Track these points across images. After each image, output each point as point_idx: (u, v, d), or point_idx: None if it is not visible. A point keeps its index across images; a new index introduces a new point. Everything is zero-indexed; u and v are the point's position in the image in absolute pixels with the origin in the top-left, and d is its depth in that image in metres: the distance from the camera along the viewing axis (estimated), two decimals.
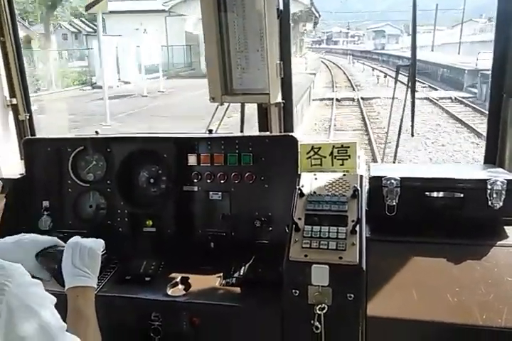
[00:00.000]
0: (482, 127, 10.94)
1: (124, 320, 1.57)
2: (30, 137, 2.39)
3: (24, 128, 2.58)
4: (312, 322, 1.45)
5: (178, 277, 1.73)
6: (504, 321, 1.48)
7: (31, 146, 2.19)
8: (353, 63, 39.40)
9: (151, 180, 2.08)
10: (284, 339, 1.54)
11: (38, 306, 1.04)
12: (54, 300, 1.10)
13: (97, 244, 1.44)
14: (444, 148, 10.57)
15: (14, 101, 2.52)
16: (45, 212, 2.14)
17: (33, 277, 1.10)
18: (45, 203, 2.14)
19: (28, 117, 2.57)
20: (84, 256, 1.39)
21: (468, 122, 12.60)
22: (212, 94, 2.02)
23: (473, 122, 12.55)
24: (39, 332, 1.02)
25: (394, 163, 2.59)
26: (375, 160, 8.30)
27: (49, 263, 1.40)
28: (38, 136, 2.58)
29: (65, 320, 1.15)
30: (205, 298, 1.63)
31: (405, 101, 2.26)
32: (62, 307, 1.18)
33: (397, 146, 2.41)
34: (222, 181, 1.98)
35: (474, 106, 14.87)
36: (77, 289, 1.34)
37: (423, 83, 21.53)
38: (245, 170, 1.96)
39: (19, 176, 2.18)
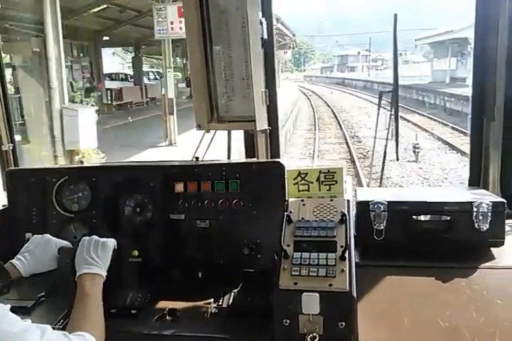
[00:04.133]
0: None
1: None
2: (12, 168, 2.37)
3: (8, 158, 2.56)
4: None
5: (165, 308, 1.69)
6: None
7: (14, 177, 2.16)
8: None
9: (137, 209, 2.06)
10: None
11: None
12: (7, 308, 1.18)
13: (110, 241, 1.66)
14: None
15: None
16: None
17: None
18: (28, 235, 2.08)
19: (11, 147, 2.55)
20: (97, 247, 1.61)
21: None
22: (198, 122, 2.03)
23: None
24: None
25: (380, 186, 2.61)
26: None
27: (67, 255, 1.64)
28: (21, 166, 2.55)
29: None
30: (193, 331, 1.58)
31: (389, 127, 2.31)
32: None
33: (382, 170, 2.43)
34: (209, 208, 1.96)
35: None
36: (86, 275, 1.52)
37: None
38: (233, 196, 1.95)
39: (1, 208, 2.15)
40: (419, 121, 17.47)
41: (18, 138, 2.64)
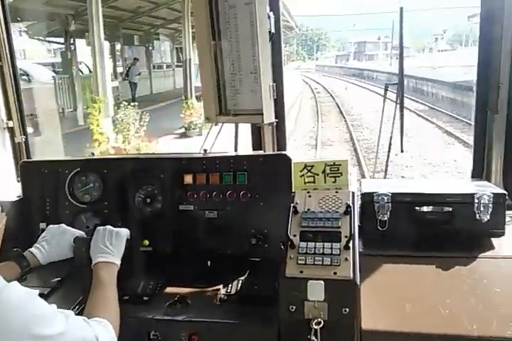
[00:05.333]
0: None
1: (123, 339, 1.60)
2: (27, 160, 2.43)
3: (20, 150, 2.62)
4: (309, 336, 1.48)
5: (176, 295, 1.76)
6: (494, 330, 1.53)
7: (28, 169, 2.22)
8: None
9: (148, 200, 2.11)
10: None
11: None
12: (36, 292, 1.22)
13: (124, 230, 1.74)
14: None
15: (11, 124, 2.57)
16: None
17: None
18: (42, 225, 2.15)
19: (24, 139, 2.61)
20: (112, 237, 1.68)
21: None
22: (207, 115, 2.08)
23: None
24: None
25: (385, 178, 2.66)
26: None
27: (82, 244, 1.69)
28: (33, 158, 2.62)
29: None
30: (203, 316, 1.65)
31: (394, 119, 2.34)
32: None
33: (387, 162, 2.47)
34: (217, 200, 2.02)
35: None
36: (102, 264, 1.59)
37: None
38: (240, 188, 2.00)
39: (17, 199, 2.21)
40: None
41: (30, 130, 2.68)
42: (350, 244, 1.56)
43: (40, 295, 1.68)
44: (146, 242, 2.05)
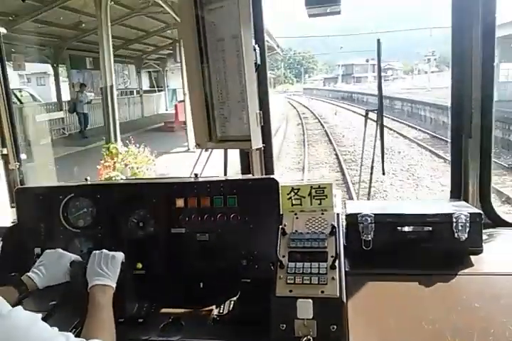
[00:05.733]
0: None
1: None
2: (22, 186, 2.49)
3: (14, 176, 2.68)
4: None
5: (170, 317, 1.82)
6: None
7: (23, 195, 2.28)
8: None
9: (140, 224, 2.17)
10: None
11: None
12: (38, 316, 1.29)
13: (119, 254, 1.81)
14: None
15: (5, 151, 2.63)
16: (37, 259, 2.20)
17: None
18: (37, 250, 2.20)
19: (18, 166, 2.67)
20: (107, 261, 1.73)
21: None
22: (197, 141, 2.17)
23: None
24: None
25: (368, 199, 2.76)
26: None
27: (78, 268, 1.77)
28: (27, 184, 2.67)
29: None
30: (197, 337, 1.71)
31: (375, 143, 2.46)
32: None
33: (370, 184, 2.58)
34: (208, 222, 2.09)
35: None
36: (98, 287, 1.65)
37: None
38: (231, 211, 2.08)
39: (11, 224, 2.26)
40: None
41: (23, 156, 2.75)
42: (336, 264, 1.64)
43: None
44: (140, 265, 2.10)
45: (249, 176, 2.29)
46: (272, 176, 2.08)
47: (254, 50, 2.05)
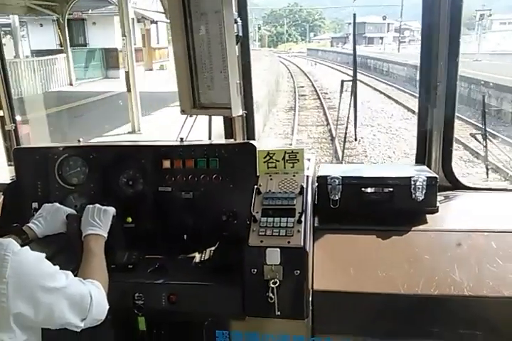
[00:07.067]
0: None
1: (112, 300, 1.87)
2: (19, 146, 2.65)
3: (10, 137, 2.84)
4: (267, 294, 1.81)
5: (156, 263, 2.06)
6: (420, 289, 1.87)
7: (21, 154, 2.44)
8: None
9: (130, 182, 2.36)
10: (245, 308, 1.89)
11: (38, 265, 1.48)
12: (43, 255, 1.52)
13: (110, 208, 2.01)
14: None
15: (1, 113, 2.77)
16: (35, 213, 2.39)
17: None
18: (35, 204, 2.38)
19: (13, 127, 2.82)
20: (100, 213, 1.94)
21: None
22: (182, 108, 2.34)
23: None
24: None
25: (341, 163, 2.97)
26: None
27: (74, 220, 1.99)
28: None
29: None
30: (180, 279, 1.96)
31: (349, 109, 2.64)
32: None
33: (343, 149, 2.78)
34: (192, 182, 2.29)
35: None
36: (91, 236, 1.87)
37: None
38: (213, 172, 2.28)
39: (11, 181, 2.45)
40: None
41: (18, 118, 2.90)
42: (303, 218, 1.88)
43: None
44: (130, 219, 2.30)
45: (231, 141, 2.47)
46: (250, 141, 2.27)
47: (236, 22, 2.16)
